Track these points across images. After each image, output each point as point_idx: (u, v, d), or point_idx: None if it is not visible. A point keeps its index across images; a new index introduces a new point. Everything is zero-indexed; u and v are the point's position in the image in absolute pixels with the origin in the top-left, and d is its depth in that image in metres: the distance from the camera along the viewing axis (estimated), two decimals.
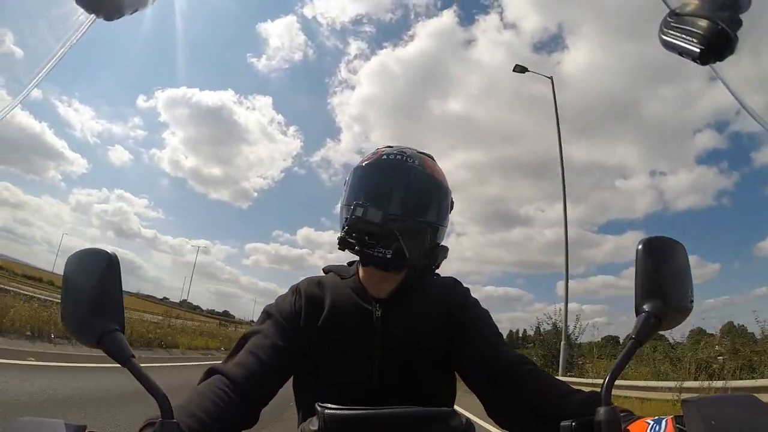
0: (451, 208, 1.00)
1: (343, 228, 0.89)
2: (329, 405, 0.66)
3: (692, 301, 0.62)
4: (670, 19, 0.49)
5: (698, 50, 0.46)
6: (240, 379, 0.77)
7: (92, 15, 0.53)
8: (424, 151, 1.00)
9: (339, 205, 1.00)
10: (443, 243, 0.98)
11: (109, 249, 0.62)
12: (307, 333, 0.89)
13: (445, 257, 0.98)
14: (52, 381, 5.18)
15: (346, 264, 1.04)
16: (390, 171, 0.92)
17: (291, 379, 0.93)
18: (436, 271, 1.01)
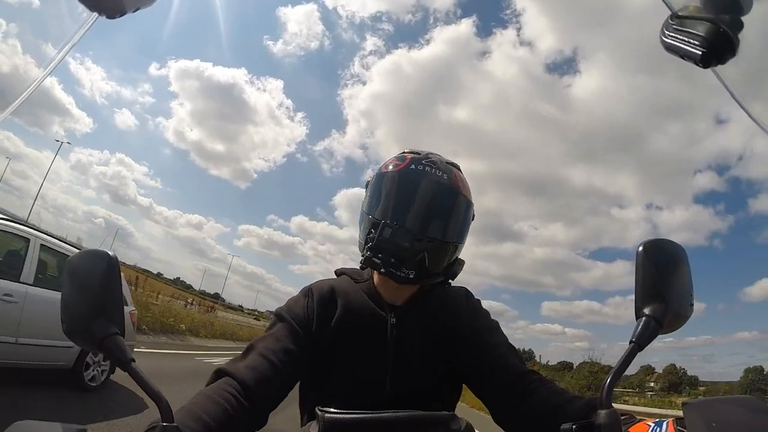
0: (472, 220, 0.98)
1: (368, 245, 0.87)
2: (329, 409, 0.66)
3: (692, 305, 0.62)
4: (671, 22, 0.49)
5: (700, 53, 0.46)
6: (249, 382, 0.75)
7: (94, 13, 0.53)
8: (451, 161, 0.96)
9: (361, 208, 0.97)
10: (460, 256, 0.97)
11: (110, 251, 0.62)
12: (319, 337, 0.88)
13: (461, 270, 0.97)
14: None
15: (358, 268, 1.01)
16: (421, 188, 0.88)
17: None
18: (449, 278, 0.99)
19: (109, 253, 0.62)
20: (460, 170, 0.96)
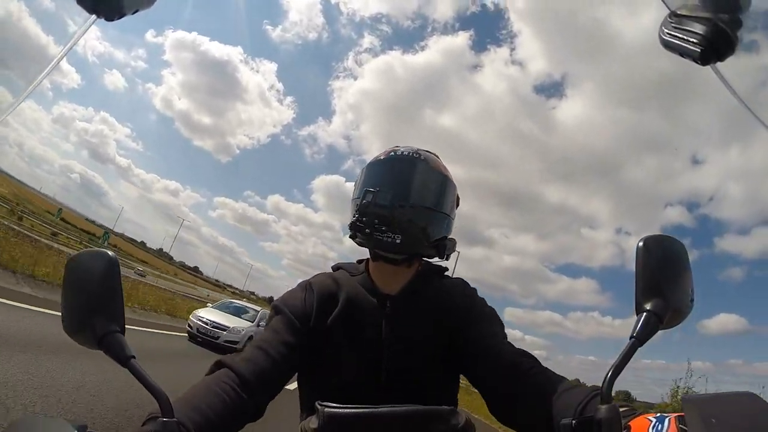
0: (458, 205, 1.02)
1: (354, 215, 0.92)
2: (329, 403, 0.66)
3: (693, 301, 0.62)
4: (670, 20, 0.49)
5: (698, 51, 0.46)
6: (247, 374, 0.77)
7: (93, 15, 0.53)
8: (431, 150, 1.03)
9: (351, 200, 1.02)
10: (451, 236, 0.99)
11: (110, 251, 0.63)
12: (318, 330, 0.90)
13: (454, 249, 0.99)
14: None
15: (355, 262, 1.04)
16: (399, 163, 0.96)
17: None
18: (446, 269, 1.03)
19: (109, 252, 0.62)
20: (438, 157, 1.03)
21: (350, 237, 0.95)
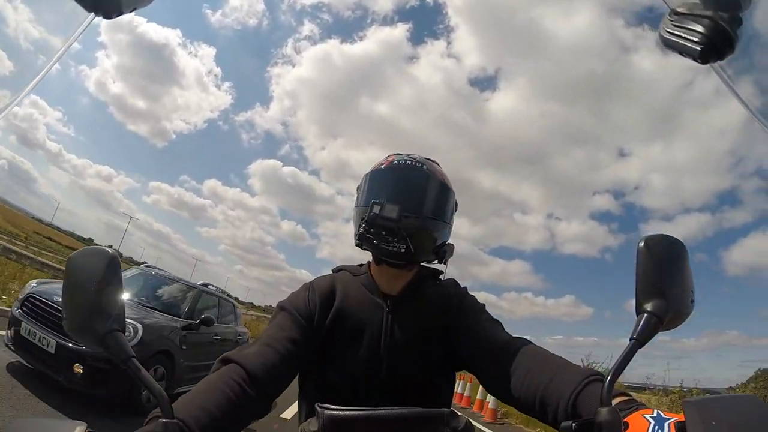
0: (456, 209, 1.06)
1: (361, 225, 0.94)
2: (328, 405, 0.66)
3: (693, 301, 0.61)
4: (670, 18, 0.49)
5: (699, 49, 0.46)
6: (255, 370, 0.77)
7: (91, 13, 0.53)
8: (429, 157, 1.07)
9: (353, 207, 1.05)
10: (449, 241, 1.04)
11: (110, 249, 0.63)
12: (320, 329, 0.93)
13: (452, 254, 1.03)
14: None
15: (357, 265, 1.08)
16: (402, 173, 1.00)
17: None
18: (441, 272, 1.07)
19: (109, 250, 0.63)
20: (438, 165, 1.07)
21: (356, 245, 0.98)
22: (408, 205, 0.93)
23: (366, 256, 1.02)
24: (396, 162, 1.02)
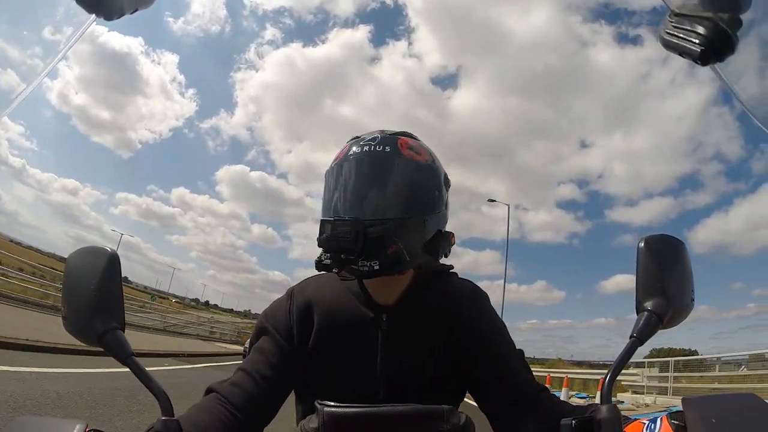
0: (447, 187, 0.88)
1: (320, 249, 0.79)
2: (328, 402, 0.66)
3: (693, 300, 0.62)
4: (670, 20, 0.49)
5: (698, 50, 0.46)
6: (237, 401, 0.74)
7: (92, 15, 0.53)
8: (403, 130, 0.86)
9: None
10: (446, 229, 0.86)
11: (109, 247, 0.63)
12: (302, 345, 0.82)
13: (451, 243, 0.86)
14: None
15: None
16: (358, 167, 0.79)
17: None
18: (448, 269, 0.91)
19: (108, 249, 0.62)
20: (411, 137, 0.86)
21: (319, 272, 0.81)
22: (369, 211, 0.77)
23: None
24: (351, 153, 0.80)
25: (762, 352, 10.51)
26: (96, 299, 0.59)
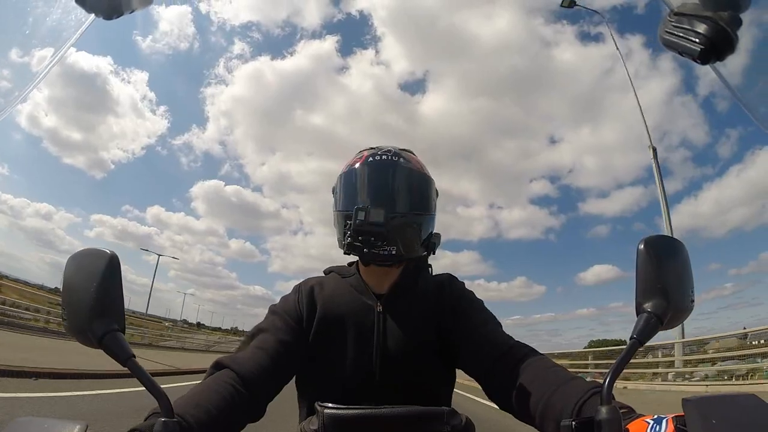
0: (437, 195, 1.05)
1: (346, 233, 0.92)
2: (328, 404, 0.66)
3: (693, 301, 0.61)
4: (670, 19, 0.49)
5: (698, 49, 0.46)
6: (247, 374, 0.78)
7: (91, 14, 0.53)
8: (405, 148, 1.05)
9: (332, 211, 1.03)
10: (435, 231, 1.03)
11: (109, 249, 0.62)
12: (309, 331, 0.92)
13: (439, 244, 1.03)
14: None
15: (346, 265, 1.06)
16: (381, 171, 0.97)
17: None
18: (429, 264, 1.05)
19: (108, 251, 0.62)
20: (414, 154, 1.05)
21: (345, 253, 0.96)
22: (392, 205, 0.93)
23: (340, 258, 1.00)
24: (370, 158, 0.98)
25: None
26: (96, 301, 0.59)
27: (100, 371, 7.07)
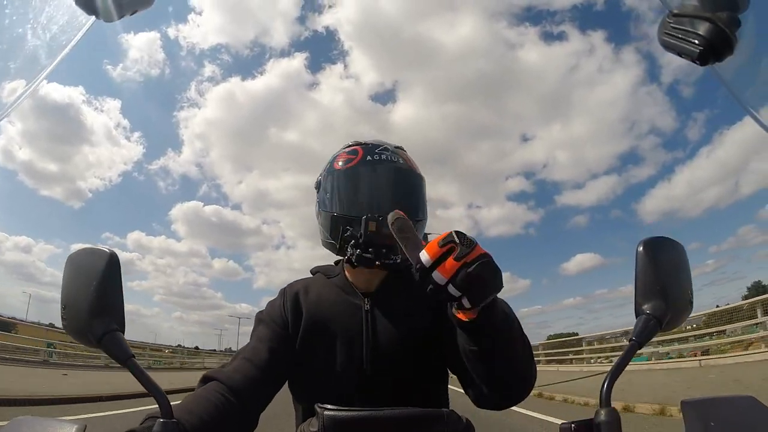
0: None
1: (351, 243, 0.89)
2: (328, 406, 0.66)
3: (692, 302, 0.61)
4: (669, 20, 0.49)
5: (697, 51, 0.46)
6: (236, 385, 0.77)
7: (92, 16, 0.53)
8: (398, 145, 1.02)
9: (317, 210, 1.01)
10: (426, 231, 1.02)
11: (108, 248, 0.62)
12: (296, 334, 0.90)
13: None
14: None
15: (332, 264, 1.05)
16: (386, 176, 0.94)
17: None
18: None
19: (107, 250, 0.62)
20: (405, 151, 1.02)
21: (348, 263, 0.92)
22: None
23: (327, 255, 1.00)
24: (369, 158, 0.93)
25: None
26: (96, 300, 0.59)
27: None
